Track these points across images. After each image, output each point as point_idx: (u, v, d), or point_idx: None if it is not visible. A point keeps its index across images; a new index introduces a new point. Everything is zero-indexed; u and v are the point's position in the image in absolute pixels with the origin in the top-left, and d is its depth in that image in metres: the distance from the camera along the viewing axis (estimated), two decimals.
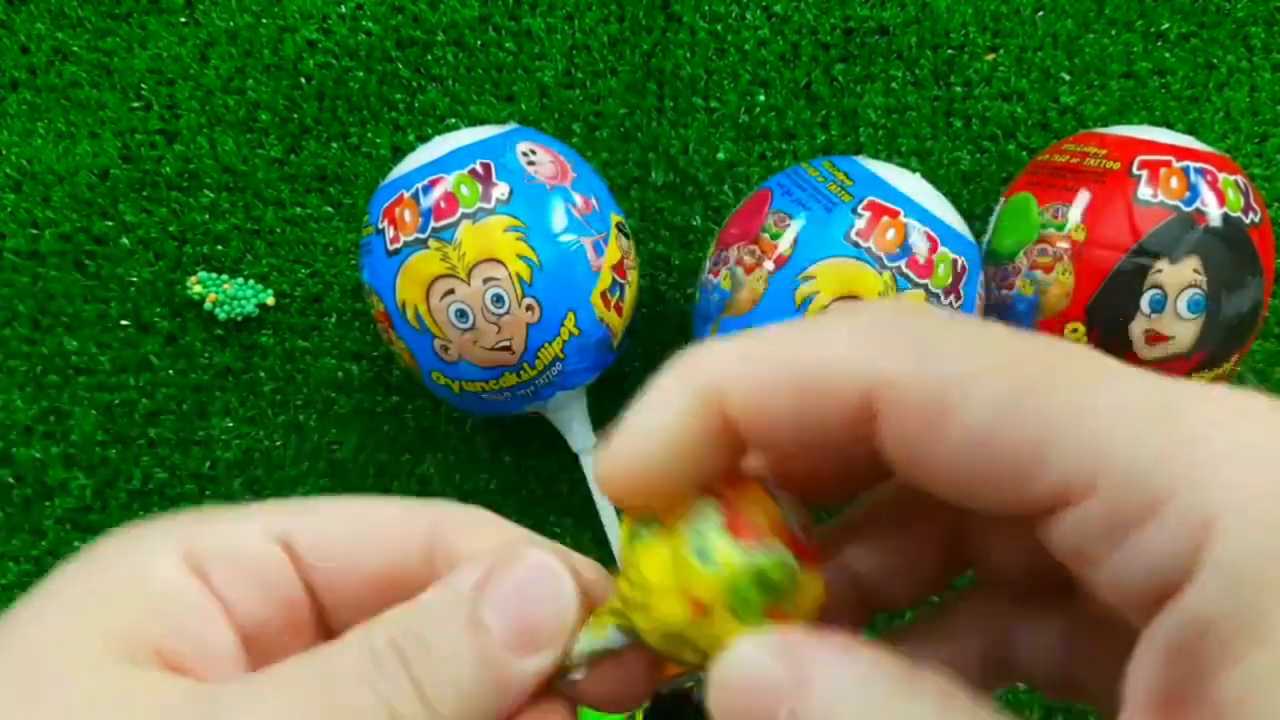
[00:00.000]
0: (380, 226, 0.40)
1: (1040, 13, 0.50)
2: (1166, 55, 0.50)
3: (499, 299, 0.38)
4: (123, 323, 0.49)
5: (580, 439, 0.44)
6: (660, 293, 0.49)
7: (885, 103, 0.50)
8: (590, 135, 0.50)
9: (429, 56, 0.51)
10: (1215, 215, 0.37)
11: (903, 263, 0.37)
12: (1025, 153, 0.49)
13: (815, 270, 0.37)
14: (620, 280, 0.41)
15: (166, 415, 0.49)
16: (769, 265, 0.38)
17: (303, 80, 0.51)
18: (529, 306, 0.38)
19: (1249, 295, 0.38)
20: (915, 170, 0.42)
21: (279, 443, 0.49)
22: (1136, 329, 0.38)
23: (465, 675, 0.15)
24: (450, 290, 0.38)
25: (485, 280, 0.38)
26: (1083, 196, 0.39)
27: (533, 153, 0.40)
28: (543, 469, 0.48)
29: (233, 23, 0.51)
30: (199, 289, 0.48)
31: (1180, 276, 0.37)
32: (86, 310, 0.49)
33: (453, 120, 0.51)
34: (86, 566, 0.16)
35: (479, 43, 0.51)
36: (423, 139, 0.49)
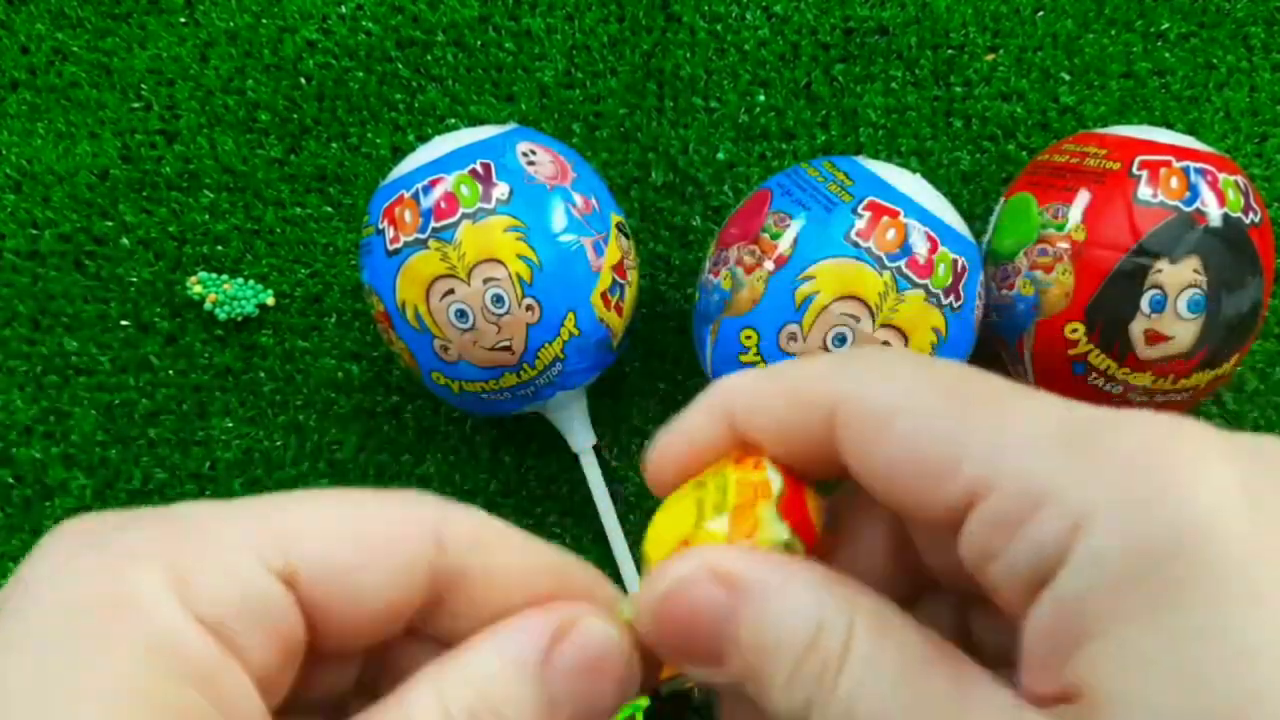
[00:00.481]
0: (380, 226, 0.40)
1: (1040, 13, 0.50)
2: (1166, 55, 0.50)
3: (499, 299, 0.38)
4: (123, 323, 0.49)
5: (580, 439, 0.44)
6: (660, 293, 0.49)
7: (885, 103, 0.50)
8: (590, 135, 0.50)
9: (429, 56, 0.51)
10: (1215, 215, 0.37)
11: (903, 263, 0.37)
12: (1025, 153, 0.49)
13: (815, 270, 0.37)
14: (620, 280, 0.41)
15: (166, 415, 0.49)
16: (769, 265, 0.38)
17: (303, 80, 0.51)
18: (529, 306, 0.38)
19: (1249, 295, 0.38)
20: (915, 170, 0.42)
21: (279, 443, 0.49)
22: (1136, 329, 0.38)
23: None
24: (450, 290, 0.38)
25: (485, 280, 0.38)
26: (1083, 196, 0.39)
27: (533, 153, 0.40)
28: (543, 469, 0.48)
29: (233, 23, 0.51)
30: (199, 289, 0.48)
31: (1180, 276, 0.37)
32: (86, 310, 0.49)
33: (453, 120, 0.51)
34: (76, 618, 0.14)
35: (479, 43, 0.51)
36: (423, 139, 0.49)
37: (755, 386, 0.18)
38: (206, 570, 0.15)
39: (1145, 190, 0.38)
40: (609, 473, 0.47)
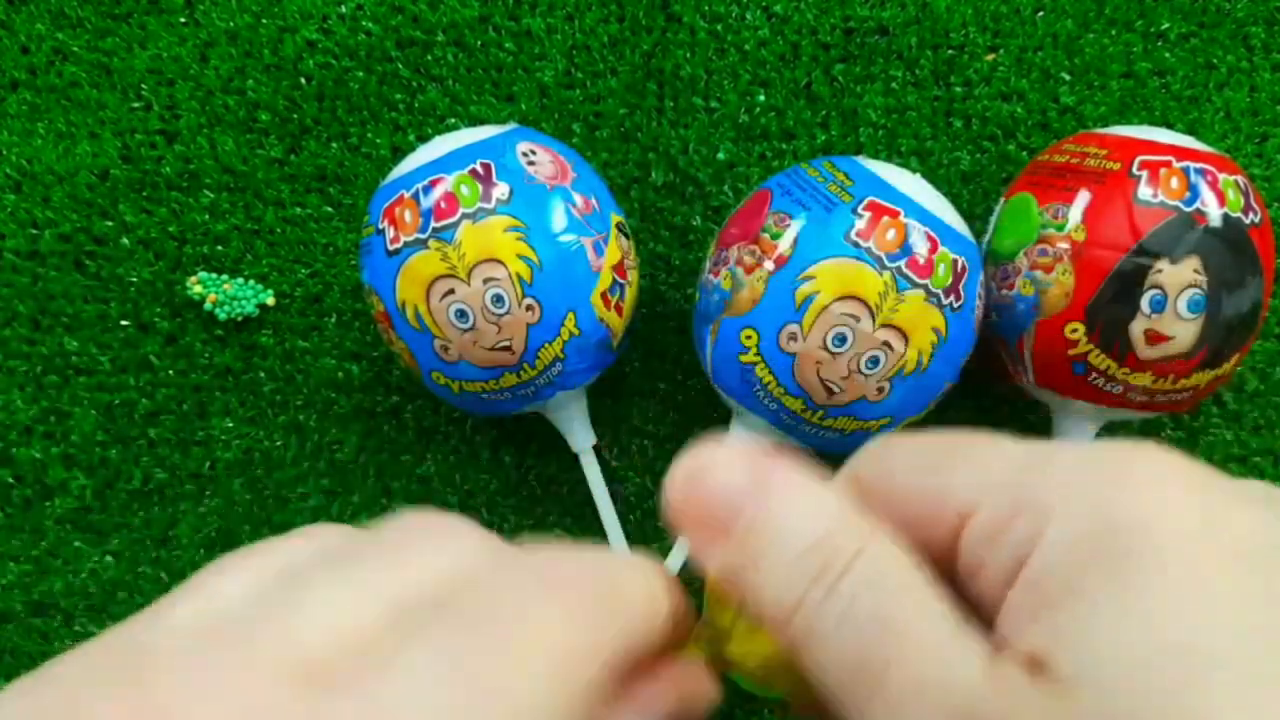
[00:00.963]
0: (380, 226, 0.40)
1: (1040, 13, 0.50)
2: (1166, 55, 0.50)
3: (499, 299, 0.38)
4: (123, 323, 0.49)
5: (580, 439, 0.44)
6: (660, 293, 0.49)
7: (885, 103, 0.50)
8: (590, 135, 0.50)
9: (429, 56, 0.51)
10: (1215, 215, 0.37)
11: (903, 263, 0.37)
12: (1025, 153, 0.49)
13: (815, 270, 0.37)
14: (620, 280, 0.41)
15: (166, 415, 0.49)
16: (769, 265, 0.38)
17: (303, 80, 0.51)
18: (529, 306, 0.38)
19: (1249, 295, 0.38)
20: (915, 170, 0.42)
21: (279, 443, 0.49)
22: (1136, 329, 0.38)
23: None
24: (450, 290, 0.38)
25: (485, 280, 0.38)
26: (1083, 196, 0.39)
27: (533, 153, 0.40)
28: (543, 469, 0.48)
29: (233, 23, 0.51)
30: (199, 289, 0.48)
31: (1180, 276, 0.37)
32: (86, 310, 0.49)
33: (453, 120, 0.51)
34: None
35: (479, 43, 0.51)
36: (423, 139, 0.50)
37: (867, 465, 0.20)
38: None
39: (1145, 190, 0.38)
40: (609, 473, 0.47)
